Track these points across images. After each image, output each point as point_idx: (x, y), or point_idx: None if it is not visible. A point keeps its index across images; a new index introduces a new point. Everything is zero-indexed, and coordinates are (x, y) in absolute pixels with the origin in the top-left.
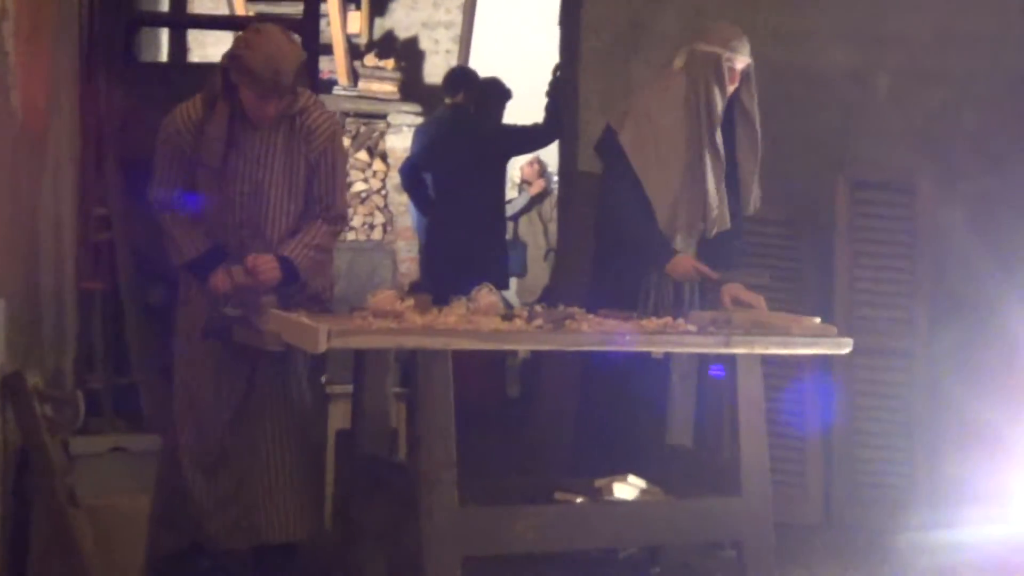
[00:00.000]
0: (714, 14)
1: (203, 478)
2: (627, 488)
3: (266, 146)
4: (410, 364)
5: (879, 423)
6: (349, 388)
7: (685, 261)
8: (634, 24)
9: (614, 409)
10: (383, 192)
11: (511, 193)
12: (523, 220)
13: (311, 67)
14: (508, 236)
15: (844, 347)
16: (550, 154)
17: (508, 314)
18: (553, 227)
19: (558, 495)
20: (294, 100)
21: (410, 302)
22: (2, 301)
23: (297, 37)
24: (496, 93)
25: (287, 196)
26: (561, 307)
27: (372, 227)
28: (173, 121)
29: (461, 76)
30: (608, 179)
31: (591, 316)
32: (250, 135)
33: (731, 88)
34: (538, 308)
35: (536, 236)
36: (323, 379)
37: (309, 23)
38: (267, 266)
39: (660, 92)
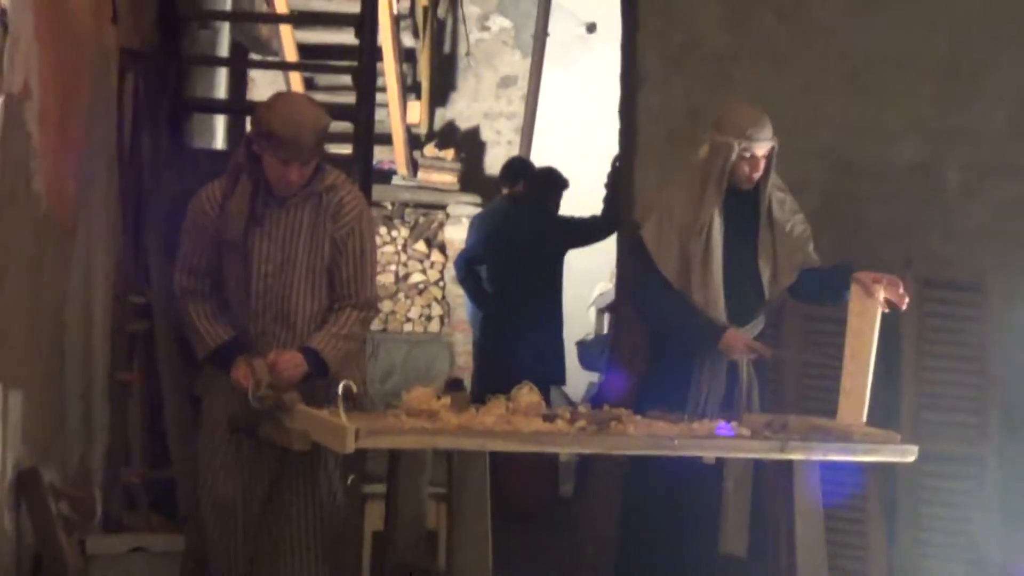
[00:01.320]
0: (776, 105)
1: None
2: None
3: (292, 225)
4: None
5: (945, 534)
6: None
7: (736, 338)
8: (691, 114)
9: (662, 516)
10: (441, 284)
11: (608, 284)
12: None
13: (365, 155)
14: (600, 330)
15: (908, 455)
16: None
17: (550, 414)
18: None
19: None
20: (321, 176)
21: (446, 400)
22: (19, 394)
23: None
24: (552, 182)
25: (312, 278)
26: (607, 407)
27: (429, 319)
28: (197, 200)
29: (519, 166)
30: (638, 276)
31: (638, 418)
32: (275, 212)
33: (756, 175)
34: (582, 408)
35: None
36: (350, 480)
37: (363, 111)
38: (290, 363)
39: (683, 185)
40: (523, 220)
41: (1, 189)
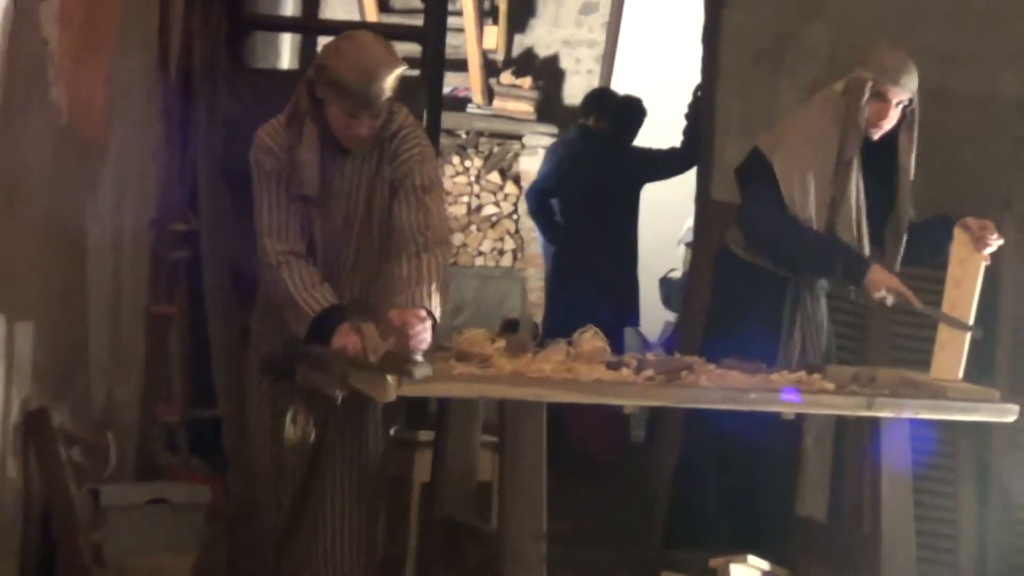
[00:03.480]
0: (868, 30)
1: (270, 537)
2: (747, 570)
3: (356, 176)
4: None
5: None
6: None
7: (886, 276)
8: (779, 39)
9: (736, 474)
10: (514, 216)
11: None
12: None
13: (432, 80)
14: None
15: (1008, 415)
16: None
17: (615, 362)
18: None
19: (664, 575)
20: (389, 120)
21: (501, 343)
22: (29, 327)
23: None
24: (630, 112)
25: (371, 235)
26: (677, 355)
27: (502, 253)
28: (261, 145)
29: (597, 97)
30: (767, 203)
31: (711, 367)
32: (340, 163)
33: (884, 123)
34: (651, 356)
35: None
36: (393, 430)
37: (432, 32)
38: (420, 323)
39: (818, 115)
40: (598, 151)
41: (12, 99)
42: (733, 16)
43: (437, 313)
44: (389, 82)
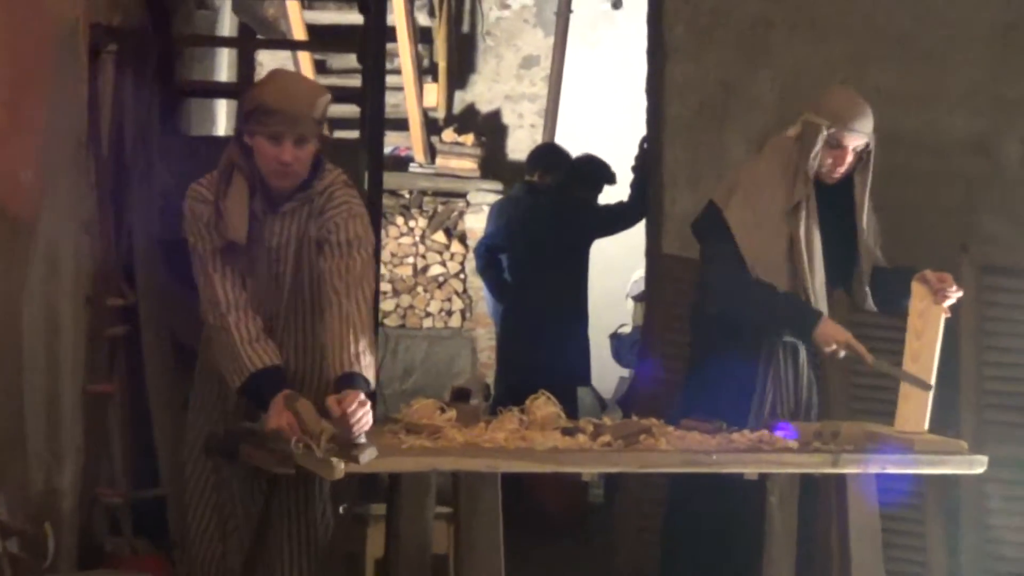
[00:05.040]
0: (816, 77)
1: None
2: None
3: (286, 233)
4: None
5: (1013, 546)
6: None
7: (836, 330)
8: (724, 87)
9: (700, 535)
10: (462, 276)
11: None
12: None
13: (372, 140)
14: (638, 322)
15: (977, 466)
16: None
17: (570, 428)
18: None
19: None
20: (320, 177)
21: (452, 413)
22: None
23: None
24: (593, 174)
25: (299, 291)
26: (635, 417)
27: (450, 313)
28: (194, 194)
29: (543, 153)
30: (719, 259)
31: (670, 429)
32: (269, 219)
33: (841, 169)
34: (607, 420)
35: None
36: (341, 509)
37: (370, 92)
38: (360, 407)
39: (769, 162)
40: (546, 208)
41: None
42: (676, 68)
43: (369, 374)
44: (315, 104)
